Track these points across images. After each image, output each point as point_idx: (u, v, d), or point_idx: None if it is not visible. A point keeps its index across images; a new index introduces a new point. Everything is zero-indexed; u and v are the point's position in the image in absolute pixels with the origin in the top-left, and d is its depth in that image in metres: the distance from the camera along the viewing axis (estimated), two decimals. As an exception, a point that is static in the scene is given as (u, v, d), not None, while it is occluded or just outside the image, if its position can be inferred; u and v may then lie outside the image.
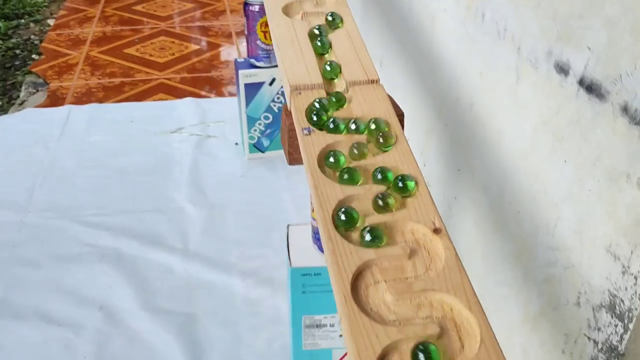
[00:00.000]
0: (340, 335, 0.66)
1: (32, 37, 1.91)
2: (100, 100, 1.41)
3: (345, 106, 0.51)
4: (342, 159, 0.45)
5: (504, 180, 0.61)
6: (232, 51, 1.71)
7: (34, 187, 1.08)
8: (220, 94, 1.44)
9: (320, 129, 0.49)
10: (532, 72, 0.55)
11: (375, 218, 0.41)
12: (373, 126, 0.48)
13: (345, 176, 0.44)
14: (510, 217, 0.61)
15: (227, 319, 0.81)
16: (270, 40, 1.05)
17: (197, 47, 1.72)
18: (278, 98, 1.11)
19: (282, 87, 1.09)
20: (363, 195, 0.43)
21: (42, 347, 0.76)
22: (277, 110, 1.12)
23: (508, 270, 0.62)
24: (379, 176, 0.44)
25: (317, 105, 0.50)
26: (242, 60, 1.11)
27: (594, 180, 0.47)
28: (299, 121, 0.49)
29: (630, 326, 0.45)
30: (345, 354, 0.68)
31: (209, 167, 1.14)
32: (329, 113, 0.50)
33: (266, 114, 1.12)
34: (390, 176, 0.44)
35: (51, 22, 1.96)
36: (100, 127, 1.28)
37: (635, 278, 0.44)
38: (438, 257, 0.39)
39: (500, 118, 0.61)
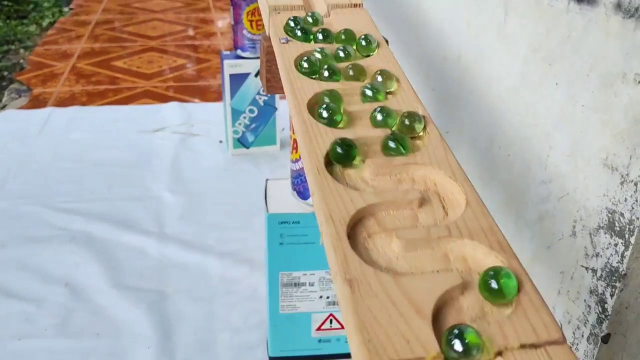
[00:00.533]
0: (321, 297, 0.62)
1: (21, 61, 1.89)
2: (83, 104, 1.38)
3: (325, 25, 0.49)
4: (315, 60, 0.42)
5: (493, 125, 0.59)
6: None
7: (7, 178, 1.04)
8: (206, 100, 1.42)
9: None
10: (521, 2, 0.53)
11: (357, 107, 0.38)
12: (364, 43, 0.45)
13: (326, 73, 0.41)
14: (500, 163, 0.58)
15: (201, 297, 0.76)
16: (257, 29, 1.04)
17: (185, 61, 1.72)
18: (263, 91, 1.08)
19: (267, 79, 1.07)
20: (343, 89, 0.40)
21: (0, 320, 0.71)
22: (262, 104, 1.10)
23: (498, 222, 0.58)
24: (351, 72, 0.41)
25: (294, 20, 0.47)
26: (229, 52, 1.09)
27: (587, 93, 0.45)
28: (277, 34, 0.47)
29: (632, 240, 0.41)
30: (326, 319, 0.63)
31: (191, 161, 1.10)
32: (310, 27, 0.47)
33: (251, 107, 1.09)
34: (364, 73, 0.41)
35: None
36: (81, 126, 1.24)
37: (635, 185, 0.40)
38: (421, 139, 0.36)
39: (489, 61, 0.59)
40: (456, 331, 0.23)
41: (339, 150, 0.33)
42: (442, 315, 0.24)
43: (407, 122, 0.35)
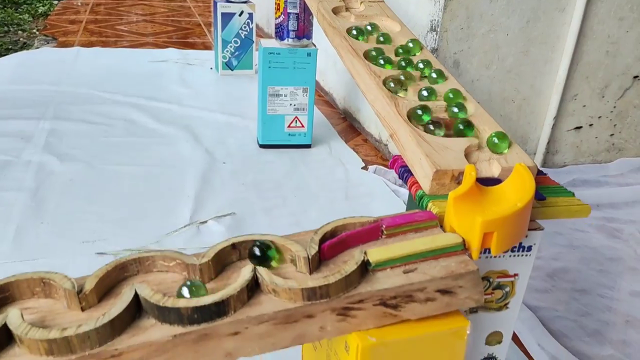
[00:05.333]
0: (290, 104, 1.07)
1: (21, 39, 2.28)
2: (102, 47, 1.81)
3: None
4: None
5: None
6: (204, 33, 2.16)
7: (61, 78, 1.45)
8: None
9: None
10: None
11: None
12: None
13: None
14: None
15: (214, 127, 1.20)
16: (242, -19, 1.50)
17: (174, 28, 2.16)
18: (245, 27, 1.55)
19: (248, 18, 1.53)
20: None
21: (87, 132, 1.13)
22: (244, 37, 1.56)
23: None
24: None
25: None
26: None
27: (423, -31, 0.93)
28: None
29: (439, 29, 0.89)
30: (293, 120, 1.09)
31: (191, 78, 1.55)
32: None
33: (236, 38, 1.55)
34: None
35: (36, 32, 2.35)
36: (105, 57, 1.67)
37: (439, 2, 0.89)
38: None
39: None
40: None
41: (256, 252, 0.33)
42: None
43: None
